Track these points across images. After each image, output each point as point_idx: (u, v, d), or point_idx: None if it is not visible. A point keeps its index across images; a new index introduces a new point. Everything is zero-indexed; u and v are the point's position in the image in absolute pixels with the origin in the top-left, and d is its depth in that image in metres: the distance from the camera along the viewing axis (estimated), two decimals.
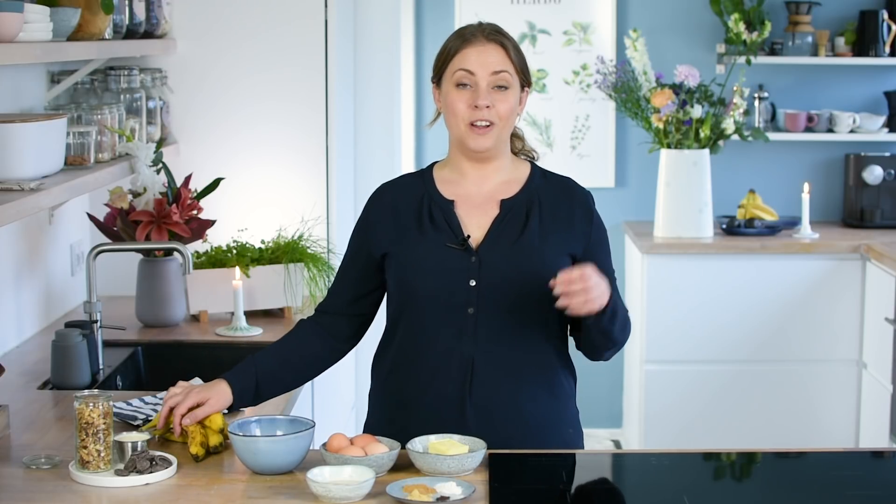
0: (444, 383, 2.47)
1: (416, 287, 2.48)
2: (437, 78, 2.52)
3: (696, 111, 4.94)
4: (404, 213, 2.53)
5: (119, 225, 3.50)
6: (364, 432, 2.59)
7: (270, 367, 2.53)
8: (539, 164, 2.63)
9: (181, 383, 2.50)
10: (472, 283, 2.45)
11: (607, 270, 2.50)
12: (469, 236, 2.48)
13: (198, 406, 2.41)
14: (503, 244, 2.47)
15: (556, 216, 2.51)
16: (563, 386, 2.55)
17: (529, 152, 2.63)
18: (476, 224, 2.50)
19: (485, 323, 2.46)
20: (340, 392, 4.12)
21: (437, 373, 2.47)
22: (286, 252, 3.70)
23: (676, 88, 4.96)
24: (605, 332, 2.43)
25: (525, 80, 2.52)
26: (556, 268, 2.46)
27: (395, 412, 2.54)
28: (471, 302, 2.46)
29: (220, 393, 2.45)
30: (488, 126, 2.46)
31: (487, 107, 2.45)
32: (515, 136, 2.60)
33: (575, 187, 2.58)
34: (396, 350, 2.54)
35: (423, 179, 2.57)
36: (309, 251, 3.72)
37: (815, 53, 5.31)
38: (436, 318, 2.47)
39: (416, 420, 2.47)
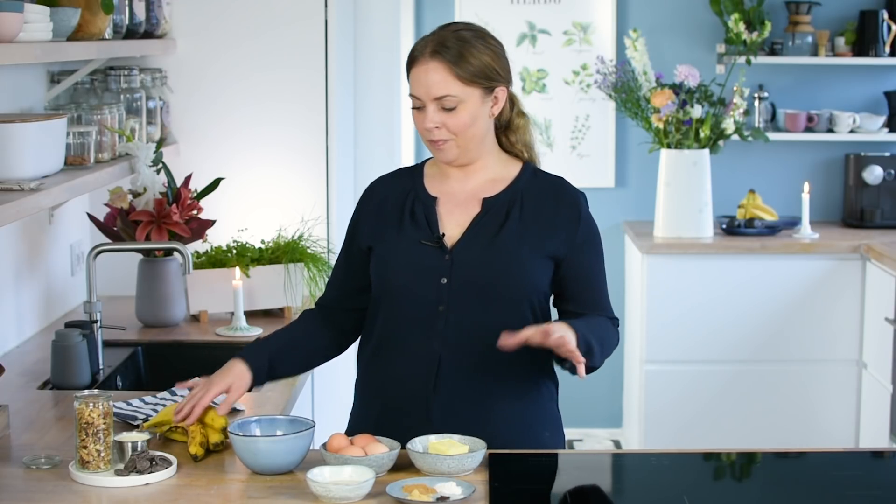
0: (411, 379, 2.47)
1: (390, 282, 2.49)
2: None
3: (696, 111, 4.94)
4: (390, 208, 2.54)
5: (119, 225, 3.50)
6: (349, 422, 2.60)
7: (281, 347, 2.55)
8: (539, 164, 2.60)
9: (188, 381, 2.50)
10: (444, 280, 2.45)
11: (596, 271, 2.50)
12: (444, 234, 2.47)
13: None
14: (478, 244, 2.46)
15: (538, 216, 2.48)
16: (539, 388, 2.53)
17: (521, 150, 2.56)
18: (455, 222, 2.49)
19: (454, 321, 2.45)
20: (340, 392, 4.11)
21: (405, 368, 2.48)
22: (286, 252, 3.70)
23: (676, 88, 4.96)
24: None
25: (489, 85, 2.43)
26: (531, 269, 2.45)
27: (370, 403, 2.56)
28: (441, 300, 2.45)
29: (239, 377, 2.45)
30: (445, 141, 2.46)
31: (437, 127, 2.43)
32: (510, 131, 2.56)
33: (565, 187, 2.54)
34: (375, 341, 2.54)
35: (413, 175, 2.58)
36: (309, 251, 3.72)
37: (815, 53, 5.31)
38: (407, 313, 2.48)
39: (385, 413, 2.50)
